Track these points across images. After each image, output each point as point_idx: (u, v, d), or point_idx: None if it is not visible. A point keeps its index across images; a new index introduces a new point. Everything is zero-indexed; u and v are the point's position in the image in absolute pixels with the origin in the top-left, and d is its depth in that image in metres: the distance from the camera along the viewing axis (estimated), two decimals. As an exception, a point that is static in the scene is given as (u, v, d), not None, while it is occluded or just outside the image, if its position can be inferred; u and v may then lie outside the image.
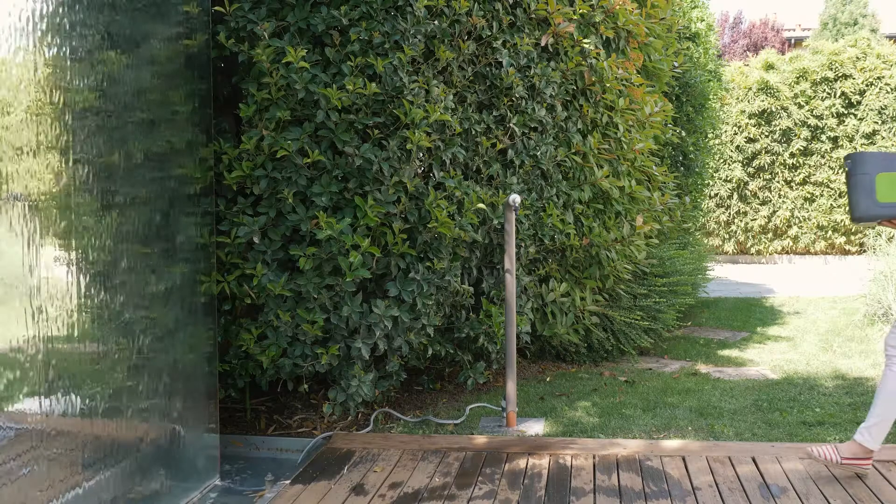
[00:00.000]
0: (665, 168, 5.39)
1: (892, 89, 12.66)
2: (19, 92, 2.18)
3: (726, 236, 13.68)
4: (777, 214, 13.32)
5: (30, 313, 2.20)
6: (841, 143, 12.93)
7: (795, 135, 13.06)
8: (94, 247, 2.49)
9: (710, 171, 9.83)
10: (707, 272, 7.87)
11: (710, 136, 8.68)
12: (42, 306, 2.25)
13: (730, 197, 13.48)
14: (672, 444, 3.39)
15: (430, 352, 3.96)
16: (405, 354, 3.79)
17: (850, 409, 4.06)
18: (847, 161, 2.82)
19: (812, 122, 12.97)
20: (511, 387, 3.73)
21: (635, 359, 5.39)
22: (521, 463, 3.20)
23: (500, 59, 3.96)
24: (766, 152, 13.19)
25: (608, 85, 4.59)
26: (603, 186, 4.60)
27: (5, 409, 2.14)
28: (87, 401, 2.45)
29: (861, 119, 12.79)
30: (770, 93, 13.04)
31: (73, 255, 2.39)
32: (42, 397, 2.26)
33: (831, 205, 13.05)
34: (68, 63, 2.36)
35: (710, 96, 8.20)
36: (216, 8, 3.38)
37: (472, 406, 4.09)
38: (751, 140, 13.23)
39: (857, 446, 2.93)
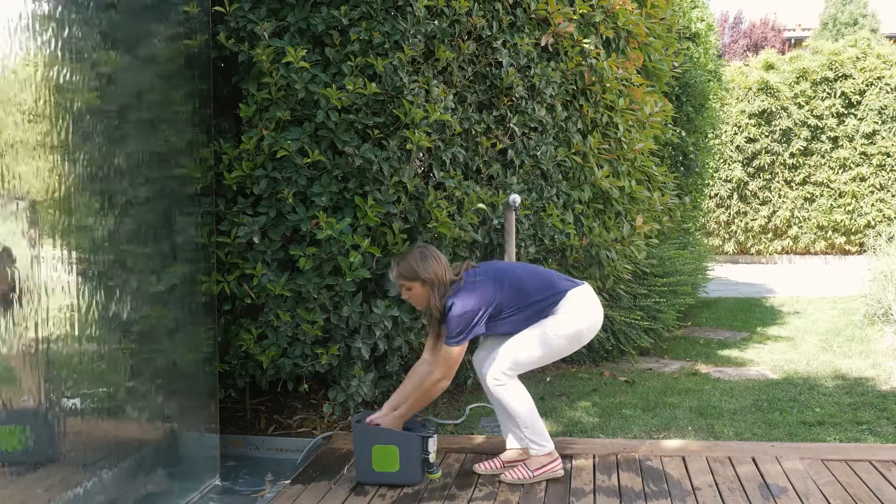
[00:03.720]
0: (665, 168, 5.39)
1: (892, 89, 12.66)
2: (19, 92, 2.18)
3: (726, 236, 13.69)
4: (777, 214, 13.32)
5: (30, 313, 2.20)
6: (841, 142, 12.94)
7: (795, 135, 13.06)
8: (94, 247, 2.49)
9: (710, 171, 9.83)
10: (707, 272, 7.87)
11: (710, 136, 8.68)
12: (42, 306, 2.25)
13: (730, 197, 13.48)
14: (672, 444, 3.39)
15: (430, 352, 3.96)
16: (405, 354, 3.79)
17: (850, 409, 4.06)
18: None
19: (812, 122, 12.97)
20: (511, 387, 3.72)
21: (635, 359, 5.39)
22: (521, 463, 3.19)
23: (500, 59, 3.96)
24: (766, 152, 13.19)
25: (608, 85, 4.59)
26: (603, 186, 4.60)
27: (5, 409, 2.14)
28: (87, 401, 2.45)
29: (861, 119, 12.80)
30: (770, 93, 13.04)
31: (73, 255, 2.39)
32: (41, 397, 2.26)
33: (831, 205, 13.05)
34: (68, 63, 2.36)
35: (710, 96, 8.20)
36: (216, 8, 3.38)
37: (472, 406, 4.09)
38: (751, 140, 13.23)
39: None
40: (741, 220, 13.50)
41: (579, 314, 2.97)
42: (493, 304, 2.91)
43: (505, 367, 2.94)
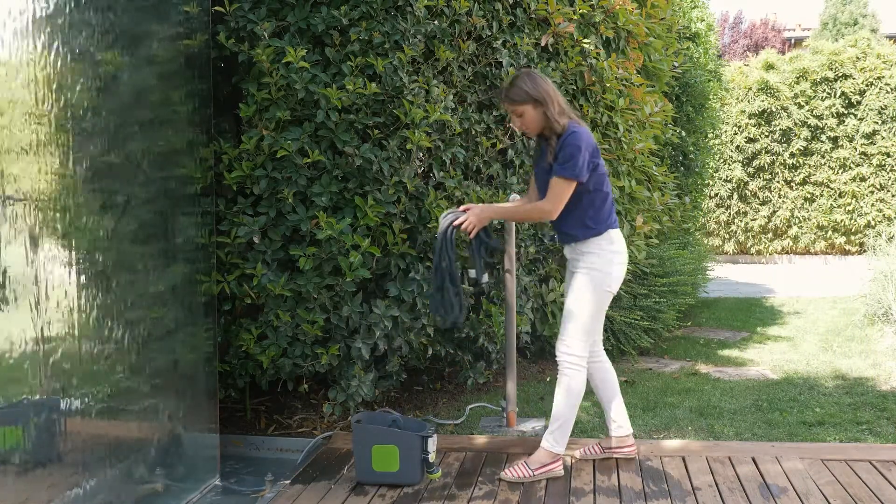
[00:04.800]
0: (665, 168, 5.38)
1: (892, 89, 12.66)
2: (19, 91, 2.18)
3: (726, 236, 13.68)
4: (777, 214, 13.31)
5: (30, 313, 2.20)
6: (841, 142, 12.93)
7: (795, 135, 13.05)
8: (94, 247, 2.49)
9: (710, 171, 9.83)
10: (707, 272, 7.87)
11: (710, 136, 8.68)
12: (42, 306, 2.25)
13: (730, 197, 13.48)
14: (672, 444, 3.39)
15: (430, 352, 3.96)
16: (405, 354, 3.79)
17: (850, 409, 4.06)
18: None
19: (812, 122, 12.96)
20: (511, 387, 3.73)
21: (635, 359, 5.39)
22: (521, 463, 3.19)
23: (500, 59, 3.96)
24: (766, 152, 13.19)
25: (608, 85, 4.59)
26: (603, 186, 4.59)
27: (5, 409, 2.14)
28: (87, 401, 2.45)
29: (861, 119, 12.79)
30: (770, 93, 13.04)
31: (73, 255, 2.39)
32: (41, 397, 2.26)
33: (831, 205, 13.04)
34: (68, 63, 2.36)
35: (710, 96, 8.20)
36: (216, 8, 3.38)
37: (472, 406, 4.09)
38: (751, 140, 13.22)
39: None
40: (741, 220, 13.50)
41: (614, 253, 3.00)
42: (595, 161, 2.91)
43: (568, 337, 2.99)
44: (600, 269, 2.97)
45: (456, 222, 3.03)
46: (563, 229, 3.04)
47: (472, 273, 3.10)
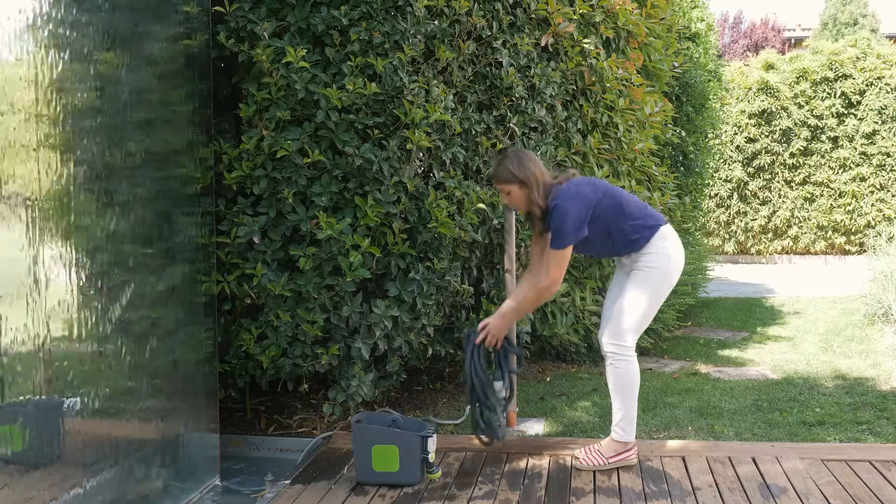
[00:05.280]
0: (665, 168, 5.38)
1: (892, 89, 12.66)
2: (18, 91, 2.18)
3: (726, 236, 13.68)
4: (777, 214, 13.32)
5: (30, 313, 2.20)
6: (841, 142, 12.94)
7: (795, 135, 13.06)
8: (94, 247, 2.49)
9: (710, 171, 9.82)
10: (707, 272, 7.88)
11: (710, 136, 8.67)
12: (42, 306, 2.25)
13: (730, 197, 13.48)
14: (672, 444, 3.39)
15: (430, 352, 3.96)
16: (405, 354, 3.79)
17: (851, 409, 4.06)
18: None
19: (812, 122, 12.97)
20: (511, 387, 3.72)
21: (635, 359, 5.39)
22: (521, 463, 3.20)
23: (500, 59, 3.96)
24: (766, 152, 13.19)
25: (608, 85, 4.59)
26: (603, 186, 4.59)
27: (5, 409, 2.14)
28: (87, 401, 2.45)
29: (861, 119, 12.79)
30: (770, 93, 13.04)
31: (73, 255, 2.39)
32: (41, 397, 2.26)
33: (831, 205, 13.05)
34: (68, 63, 2.36)
35: (710, 96, 8.20)
36: (216, 8, 3.37)
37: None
38: (751, 140, 13.23)
39: None
40: (741, 220, 13.50)
41: (671, 248, 3.05)
42: (592, 207, 2.96)
43: (620, 329, 3.04)
44: (660, 266, 3.03)
45: (478, 341, 3.12)
46: (619, 253, 3.12)
47: (498, 386, 3.20)
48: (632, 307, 3.04)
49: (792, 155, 13.13)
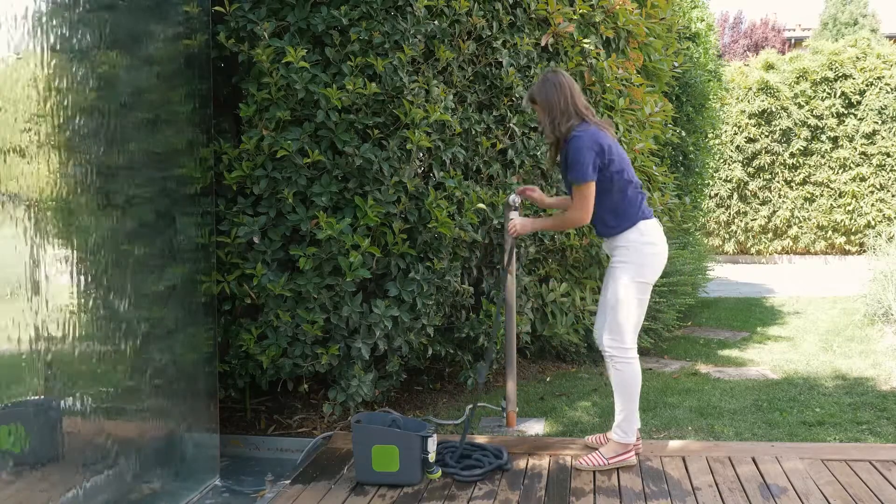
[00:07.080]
0: (665, 168, 5.38)
1: (892, 89, 12.66)
2: (18, 91, 2.18)
3: (726, 236, 13.68)
4: (777, 214, 13.32)
5: (30, 313, 2.20)
6: (841, 142, 12.94)
7: (795, 135, 13.06)
8: (94, 247, 2.49)
9: (710, 171, 9.83)
10: (707, 272, 7.88)
11: (710, 136, 8.68)
12: (42, 306, 2.25)
13: (730, 197, 13.48)
14: (672, 444, 3.39)
15: (430, 352, 3.96)
16: (405, 354, 3.79)
17: (851, 409, 4.06)
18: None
19: (812, 122, 12.97)
20: (511, 387, 3.73)
21: (635, 359, 5.39)
22: (521, 463, 3.20)
23: (500, 59, 3.96)
24: (766, 152, 13.19)
25: (608, 85, 4.59)
26: (603, 186, 4.59)
27: (5, 409, 2.14)
28: (87, 401, 2.45)
29: (861, 119, 12.80)
30: (770, 93, 13.04)
31: (73, 255, 2.39)
32: (41, 397, 2.26)
33: (831, 205, 13.05)
34: (68, 63, 2.36)
35: (710, 96, 8.20)
36: (216, 8, 3.38)
37: (472, 406, 4.08)
38: (751, 140, 13.23)
39: None
40: (741, 220, 13.50)
41: (646, 244, 3.04)
42: (605, 156, 2.93)
43: (615, 328, 3.03)
44: (632, 261, 3.02)
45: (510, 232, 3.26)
46: (596, 228, 3.13)
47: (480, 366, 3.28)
48: (617, 303, 3.04)
49: (792, 155, 13.13)
